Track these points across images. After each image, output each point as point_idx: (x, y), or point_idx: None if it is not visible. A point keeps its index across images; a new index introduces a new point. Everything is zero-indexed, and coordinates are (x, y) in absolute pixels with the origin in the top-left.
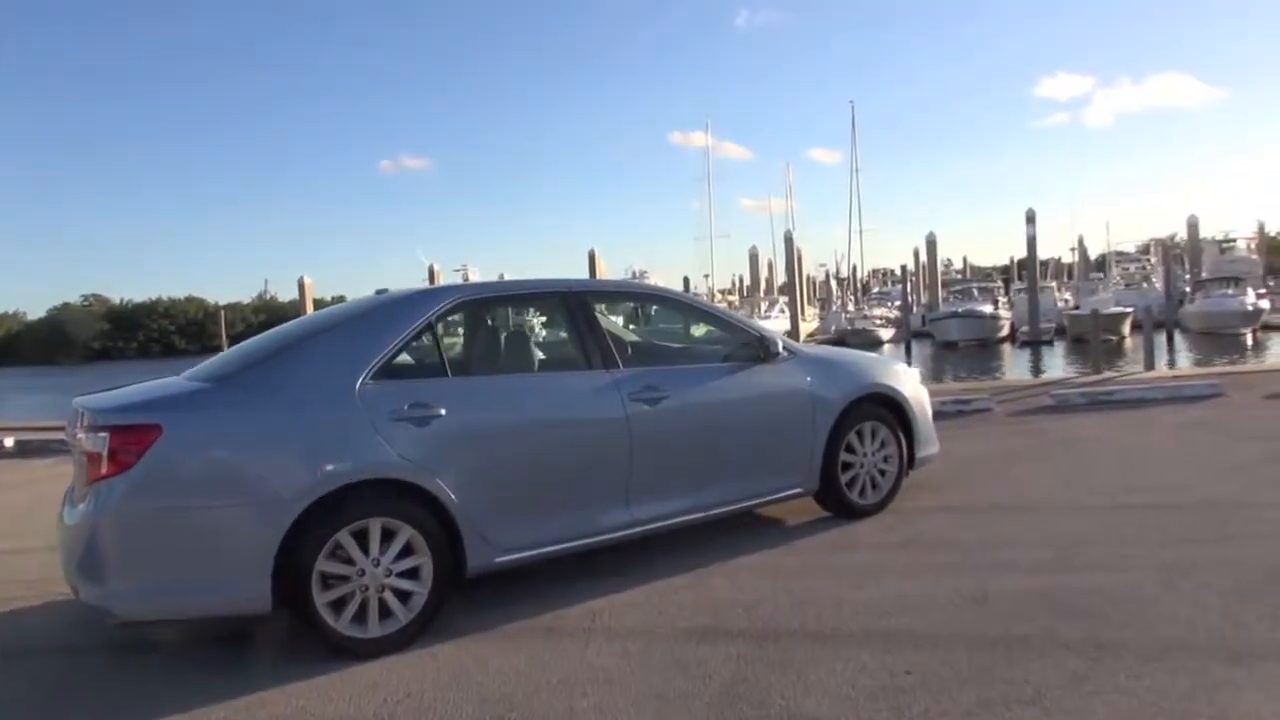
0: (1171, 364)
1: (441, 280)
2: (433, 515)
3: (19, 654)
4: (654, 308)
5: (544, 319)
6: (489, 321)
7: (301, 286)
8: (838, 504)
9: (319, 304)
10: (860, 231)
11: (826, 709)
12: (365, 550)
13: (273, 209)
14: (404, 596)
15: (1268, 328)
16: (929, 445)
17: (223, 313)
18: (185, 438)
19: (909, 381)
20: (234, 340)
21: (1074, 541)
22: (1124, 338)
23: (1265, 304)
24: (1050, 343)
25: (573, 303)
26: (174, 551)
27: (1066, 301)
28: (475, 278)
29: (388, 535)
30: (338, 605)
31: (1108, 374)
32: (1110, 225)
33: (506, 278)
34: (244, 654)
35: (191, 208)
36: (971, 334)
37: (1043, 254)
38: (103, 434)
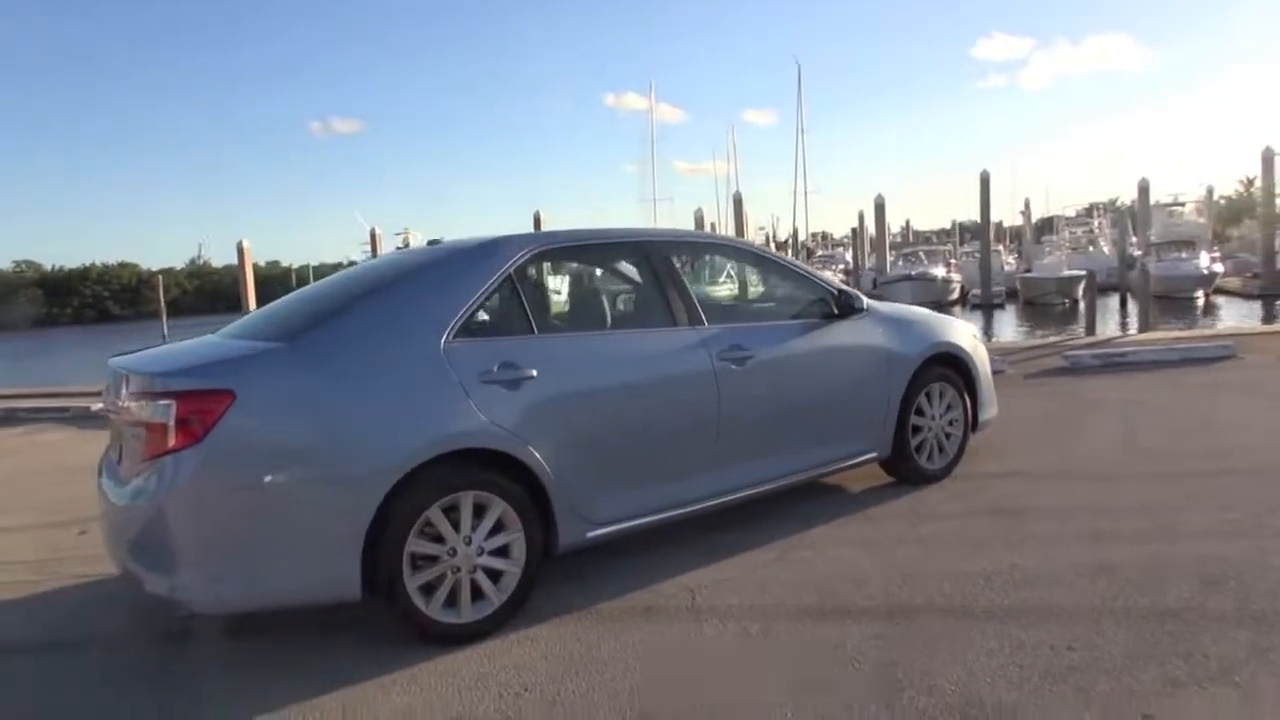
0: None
1: (384, 244)
2: (524, 487)
3: (56, 647)
4: (707, 260)
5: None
6: (568, 273)
7: (240, 251)
8: (907, 469)
9: (258, 269)
10: (805, 194)
11: (1005, 693)
12: (456, 527)
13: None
14: (495, 576)
15: (1219, 291)
16: (990, 407)
17: (160, 279)
18: (261, 404)
19: (972, 340)
20: (170, 306)
21: (1165, 508)
22: (1078, 301)
23: (1219, 268)
24: (1002, 305)
25: (653, 254)
26: (252, 535)
27: (1011, 265)
28: (416, 241)
29: (478, 510)
30: (427, 588)
31: (1108, 335)
32: (1049, 190)
33: (448, 239)
34: (313, 642)
35: (119, 171)
36: (924, 297)
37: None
38: (166, 401)
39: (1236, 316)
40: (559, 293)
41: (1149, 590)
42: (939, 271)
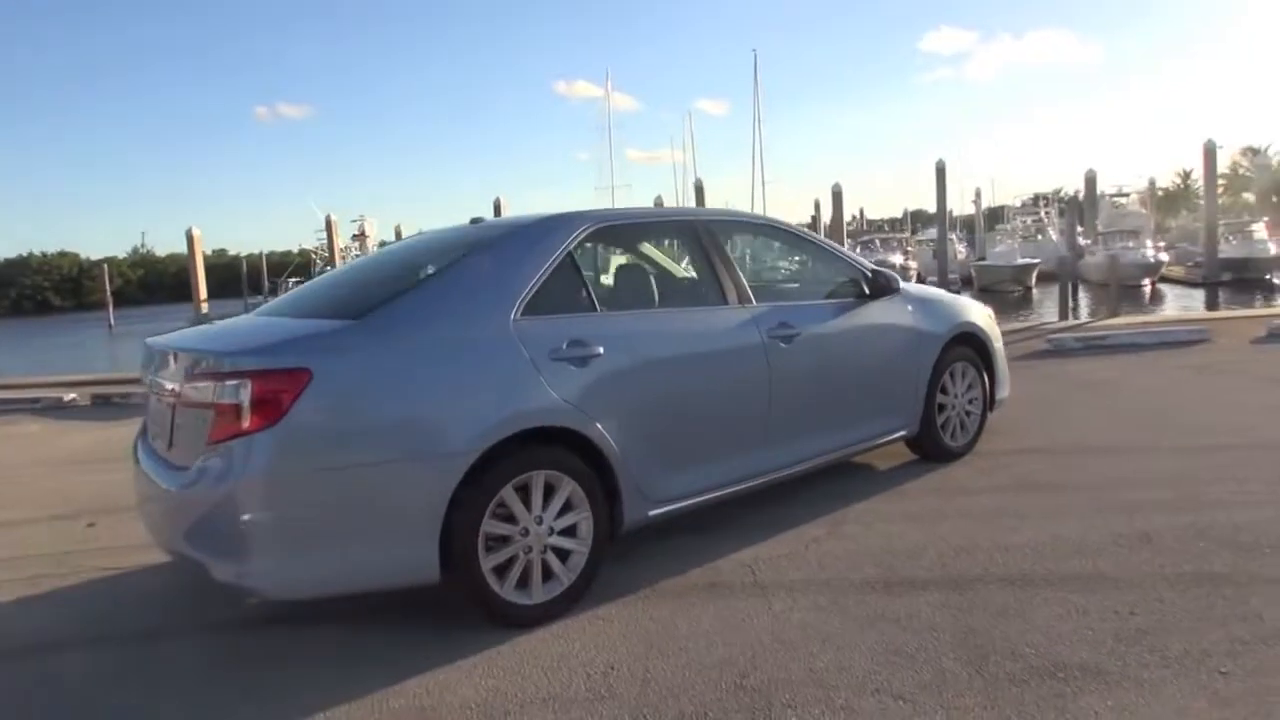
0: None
1: (340, 230)
2: (592, 466)
3: (106, 641)
4: (761, 241)
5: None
6: (623, 251)
7: (190, 238)
8: (933, 447)
9: (208, 258)
10: (764, 183)
11: (1087, 654)
12: (528, 507)
13: (142, 161)
14: (564, 556)
15: (1164, 279)
16: (1005, 386)
17: (105, 267)
18: (337, 384)
19: (988, 320)
20: (116, 297)
21: (1184, 480)
22: (1030, 288)
23: (1165, 256)
24: (957, 293)
25: (703, 233)
26: (328, 518)
27: (962, 253)
28: (372, 228)
29: (548, 490)
30: (500, 570)
31: (1081, 320)
32: (995, 180)
33: (405, 227)
34: (376, 629)
35: (56, 158)
36: None
37: (934, 206)
38: (235, 382)
39: (1182, 303)
40: (618, 271)
41: (1192, 558)
42: (896, 259)
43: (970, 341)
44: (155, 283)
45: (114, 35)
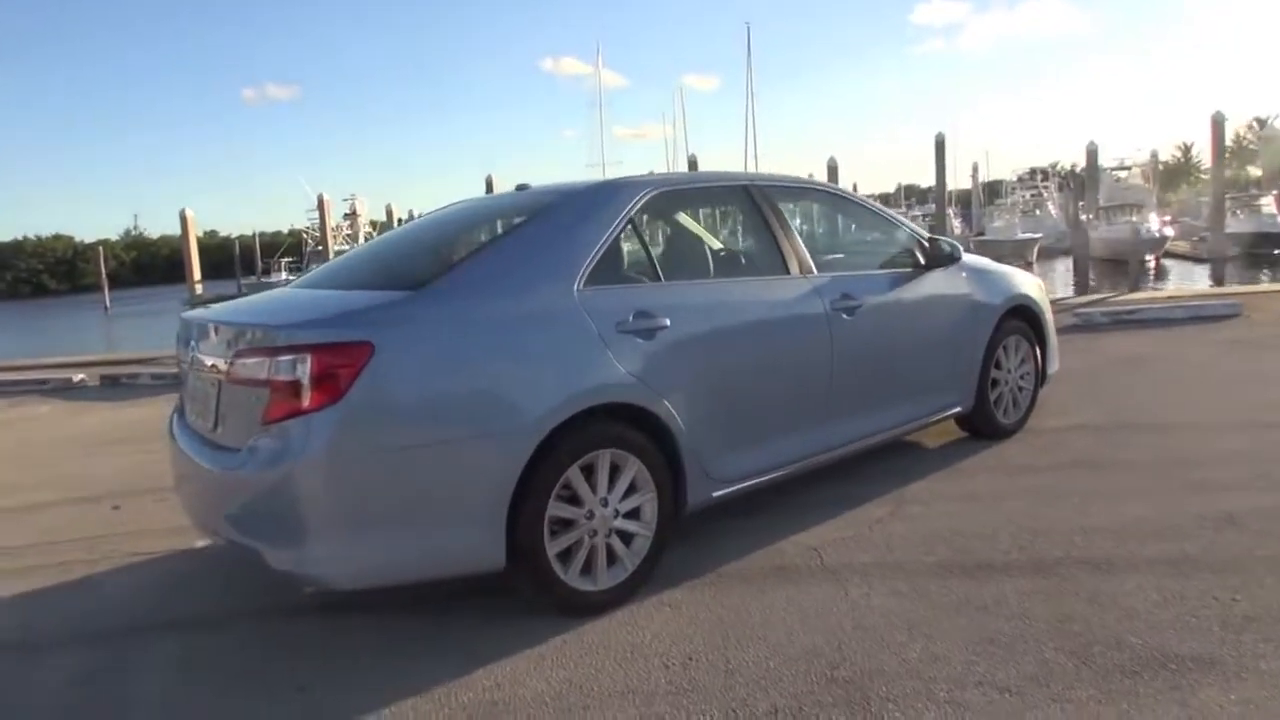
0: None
1: (334, 209)
2: (657, 445)
3: (143, 630)
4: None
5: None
6: (684, 218)
7: (184, 220)
8: (985, 424)
9: (200, 239)
10: (757, 158)
11: (1196, 644)
12: (593, 488)
13: (134, 144)
14: (628, 540)
15: (1168, 255)
16: (1055, 360)
17: (101, 249)
18: (400, 358)
19: (1041, 292)
20: (111, 279)
21: (1252, 458)
22: (1030, 264)
23: (1170, 231)
24: None
25: (763, 199)
26: (391, 502)
27: (957, 228)
28: (363, 207)
29: (613, 470)
30: (564, 555)
31: (1102, 294)
32: (989, 153)
33: (396, 207)
34: (433, 617)
35: (48, 143)
36: None
37: (927, 180)
38: (292, 357)
39: (1189, 279)
40: (679, 238)
41: None
42: None
43: (1024, 314)
44: (149, 264)
45: (104, 19)
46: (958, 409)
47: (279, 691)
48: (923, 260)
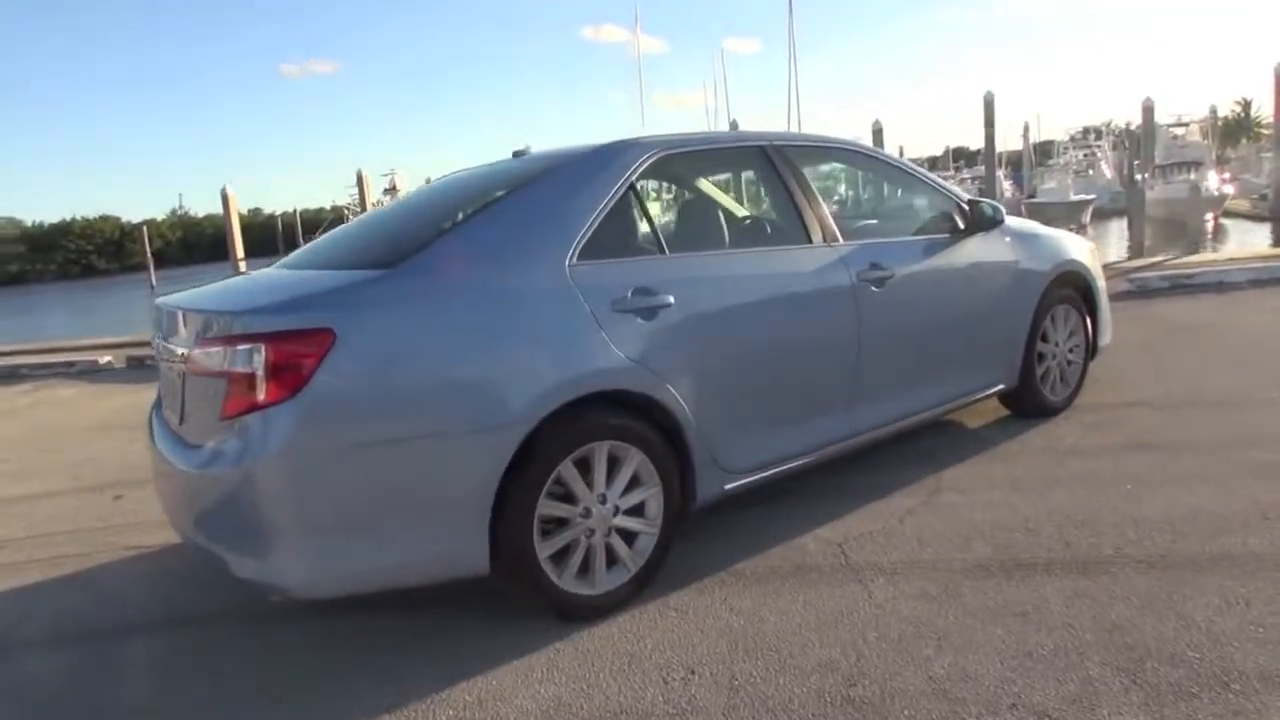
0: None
1: (372, 186)
2: (662, 434)
3: (122, 632)
4: (845, 169)
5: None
6: (693, 184)
7: (225, 198)
8: (1031, 401)
9: (243, 217)
10: (799, 122)
11: (1265, 659)
12: (589, 484)
13: (178, 124)
14: (630, 539)
15: (1228, 214)
16: (1108, 331)
17: (145, 229)
18: (367, 345)
19: (1092, 257)
20: (157, 258)
21: None
22: (1085, 226)
23: (1230, 189)
24: None
25: (781, 160)
26: (360, 504)
27: (1008, 191)
28: (403, 181)
29: (612, 463)
30: (558, 556)
31: (1159, 257)
32: (1039, 114)
33: (436, 178)
34: (422, 620)
35: (95, 123)
36: None
37: (977, 143)
38: (248, 346)
39: (1249, 240)
40: (687, 206)
41: None
42: None
43: (1073, 281)
44: (194, 243)
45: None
46: (1000, 386)
47: (248, 701)
48: (962, 225)
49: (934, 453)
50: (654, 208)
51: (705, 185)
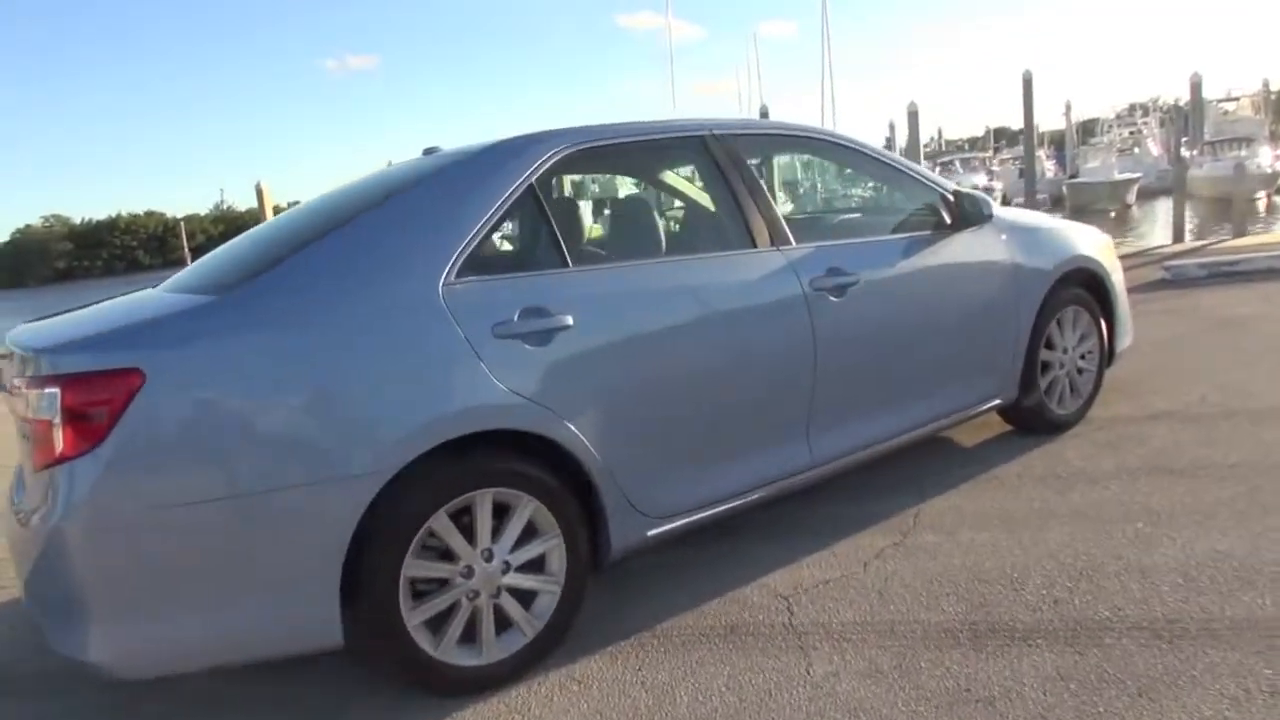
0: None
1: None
2: (562, 477)
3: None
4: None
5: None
6: (611, 182)
7: (259, 192)
8: (1034, 416)
9: (278, 210)
10: (834, 104)
11: None
12: (470, 538)
13: (221, 118)
14: (527, 599)
15: None
16: (1127, 334)
17: (183, 224)
18: (185, 386)
19: (1106, 252)
20: (195, 254)
21: None
22: (1129, 206)
23: None
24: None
25: (719, 151)
26: (184, 570)
27: (1051, 171)
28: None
29: (500, 513)
30: (435, 623)
31: (1200, 242)
32: (1082, 93)
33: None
34: (285, 693)
35: (141, 120)
36: None
37: (1018, 122)
38: (50, 389)
39: None
40: (603, 208)
41: None
42: (979, 180)
43: (1083, 280)
44: (234, 237)
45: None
46: (996, 401)
47: None
48: (949, 220)
49: (919, 478)
50: (561, 212)
51: (628, 184)
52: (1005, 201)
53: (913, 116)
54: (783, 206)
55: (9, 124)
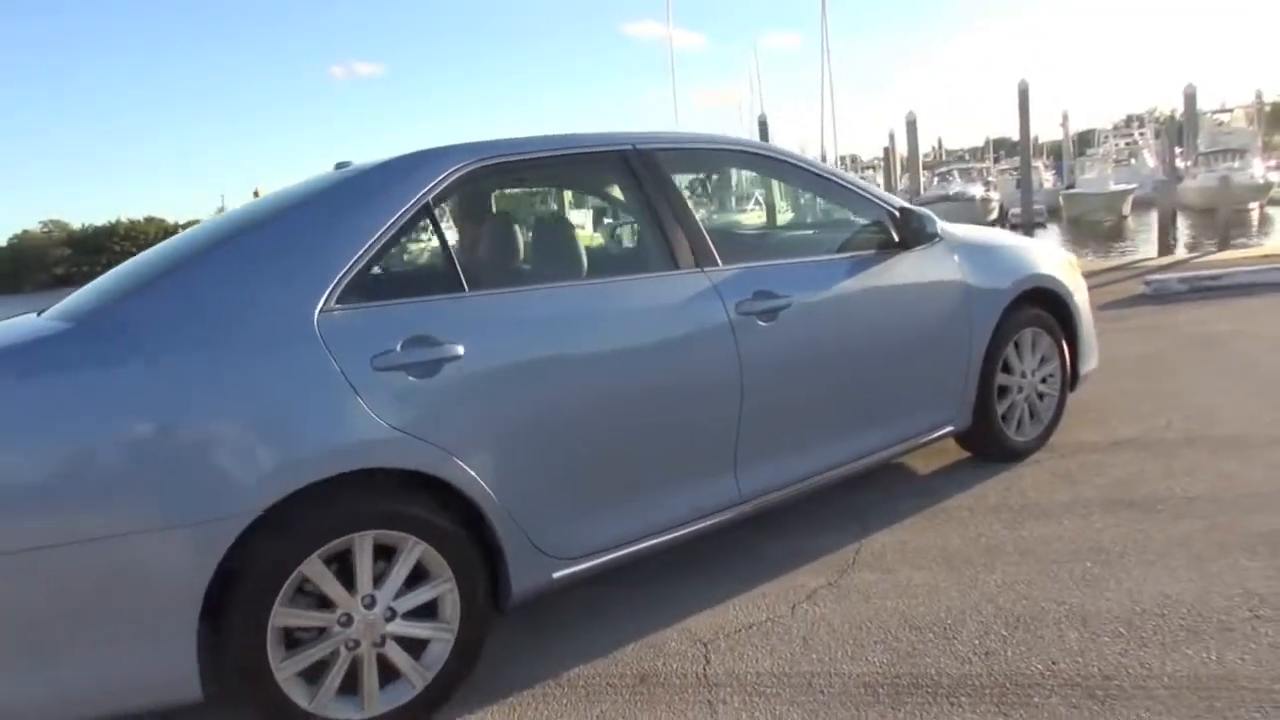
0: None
1: None
2: (454, 517)
3: None
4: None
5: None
6: (517, 202)
7: (255, 199)
8: (991, 444)
9: None
10: (834, 115)
11: None
12: (349, 584)
13: (226, 126)
14: (416, 648)
15: (1273, 202)
16: (1092, 357)
17: (180, 231)
18: (15, 425)
19: (1069, 269)
20: None
21: None
22: (1125, 217)
23: (1276, 176)
24: (1044, 225)
25: (640, 167)
26: (20, 625)
27: (1049, 182)
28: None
29: (384, 555)
30: (312, 674)
31: (1185, 255)
32: (1079, 105)
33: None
34: None
35: (145, 125)
36: (961, 218)
37: (1017, 133)
38: None
39: None
40: (505, 230)
41: None
42: (976, 191)
43: (1043, 299)
44: None
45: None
46: (949, 429)
47: None
48: (897, 238)
49: (863, 511)
50: (462, 234)
51: (538, 203)
52: (1003, 211)
53: (911, 126)
54: (724, 223)
55: (9, 125)
